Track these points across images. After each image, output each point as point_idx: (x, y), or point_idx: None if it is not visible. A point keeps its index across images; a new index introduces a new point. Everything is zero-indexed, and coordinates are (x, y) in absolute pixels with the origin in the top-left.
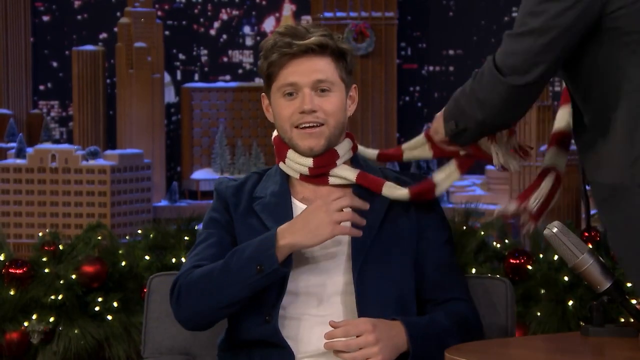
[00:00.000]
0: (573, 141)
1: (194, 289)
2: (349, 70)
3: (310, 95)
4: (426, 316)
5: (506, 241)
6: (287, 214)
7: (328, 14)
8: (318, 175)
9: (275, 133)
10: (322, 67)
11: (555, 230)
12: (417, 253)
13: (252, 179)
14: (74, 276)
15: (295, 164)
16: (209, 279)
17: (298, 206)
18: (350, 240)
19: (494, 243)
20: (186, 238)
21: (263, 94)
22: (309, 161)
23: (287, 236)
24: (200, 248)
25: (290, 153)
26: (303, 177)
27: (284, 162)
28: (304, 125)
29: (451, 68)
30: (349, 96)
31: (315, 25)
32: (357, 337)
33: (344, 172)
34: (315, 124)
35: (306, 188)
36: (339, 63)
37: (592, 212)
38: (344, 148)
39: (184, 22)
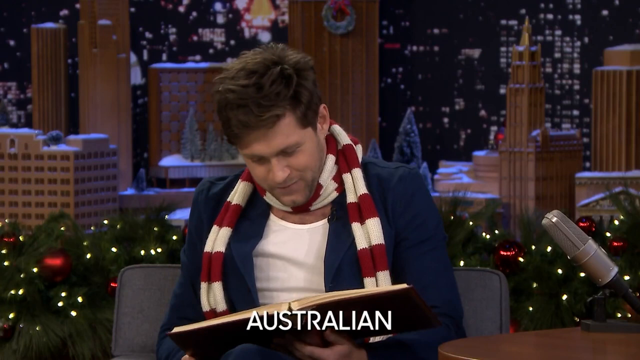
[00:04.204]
0: (563, 124)
1: None
2: (309, 104)
3: (280, 163)
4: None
5: (496, 232)
6: (260, 235)
7: None
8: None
9: None
10: (283, 132)
11: (554, 219)
12: (395, 260)
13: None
14: (35, 270)
15: (277, 202)
16: None
17: (276, 223)
18: (324, 259)
19: (483, 234)
20: (155, 229)
21: None
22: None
23: None
24: (177, 284)
25: (270, 194)
26: None
27: (264, 195)
28: (281, 186)
29: (436, 48)
30: (319, 118)
31: (267, 60)
32: None
33: (325, 200)
34: (293, 182)
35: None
36: (297, 110)
37: (582, 202)
38: (325, 174)
39: None
